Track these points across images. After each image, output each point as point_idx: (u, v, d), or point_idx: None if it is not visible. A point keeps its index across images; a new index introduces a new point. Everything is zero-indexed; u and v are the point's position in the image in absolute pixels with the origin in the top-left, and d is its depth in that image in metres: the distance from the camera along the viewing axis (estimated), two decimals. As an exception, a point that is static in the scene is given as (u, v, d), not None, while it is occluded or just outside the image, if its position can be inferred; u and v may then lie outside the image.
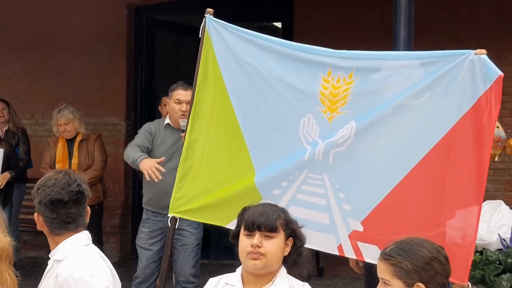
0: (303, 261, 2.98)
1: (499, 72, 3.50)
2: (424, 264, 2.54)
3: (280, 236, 2.86)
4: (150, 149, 5.28)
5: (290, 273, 2.95)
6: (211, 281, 2.99)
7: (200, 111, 4.19)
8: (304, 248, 3.01)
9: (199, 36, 4.16)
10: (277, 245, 2.84)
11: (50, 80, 8.75)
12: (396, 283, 2.55)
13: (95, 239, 2.93)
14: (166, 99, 6.78)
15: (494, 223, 4.56)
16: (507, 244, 4.48)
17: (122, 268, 5.20)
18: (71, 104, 6.95)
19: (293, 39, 6.70)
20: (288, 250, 2.90)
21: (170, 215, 4.15)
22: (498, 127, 4.71)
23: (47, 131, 8.23)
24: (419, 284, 2.50)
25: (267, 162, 4.02)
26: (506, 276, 4.34)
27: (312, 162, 3.87)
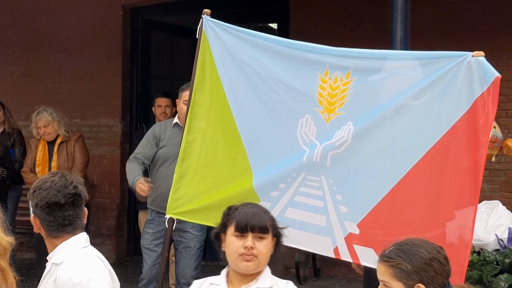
0: (279, 257, 2.98)
1: (497, 74, 3.51)
2: (424, 265, 2.52)
3: (270, 236, 2.87)
4: (154, 152, 5.27)
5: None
6: (196, 283, 2.98)
7: (197, 111, 4.18)
8: (281, 246, 3.01)
9: (196, 36, 4.15)
10: (267, 246, 2.86)
11: (46, 81, 8.72)
12: (396, 285, 2.54)
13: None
14: (159, 100, 6.79)
15: (492, 224, 4.57)
16: (504, 244, 4.48)
17: (118, 269, 5.14)
18: (50, 106, 6.77)
19: (289, 40, 6.68)
20: (272, 249, 2.91)
21: (167, 216, 4.14)
22: (495, 127, 4.72)
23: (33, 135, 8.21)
24: (419, 285, 2.49)
25: (264, 163, 4.02)
26: (503, 277, 4.35)
27: (310, 164, 3.86)
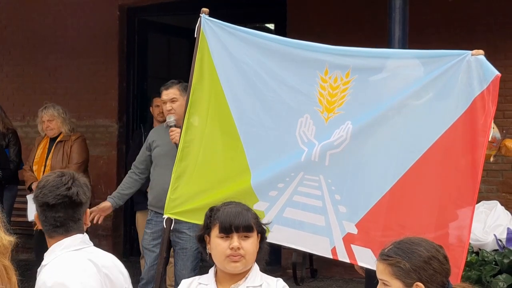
0: (264, 254, 2.95)
1: (496, 72, 3.49)
2: (423, 263, 2.51)
3: (255, 234, 2.84)
4: (147, 156, 5.35)
5: None
6: (184, 282, 2.96)
7: (196, 111, 4.16)
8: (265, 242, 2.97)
9: (195, 36, 4.13)
10: (253, 244, 2.82)
11: (42, 82, 8.70)
12: (395, 284, 2.53)
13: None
14: (157, 100, 6.77)
15: (490, 224, 4.56)
16: (503, 244, 4.47)
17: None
18: (60, 105, 6.86)
19: (286, 40, 6.67)
20: (258, 246, 2.88)
21: (165, 216, 4.12)
22: (493, 127, 4.70)
23: (39, 133, 8.17)
24: (418, 283, 2.48)
25: (263, 162, 3.99)
26: (502, 277, 4.34)
27: (309, 164, 3.84)
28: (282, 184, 3.90)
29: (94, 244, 2.82)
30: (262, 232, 2.90)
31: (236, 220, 2.79)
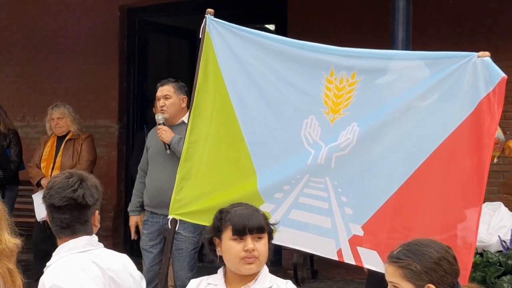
0: (270, 253, 2.95)
1: (503, 74, 3.49)
2: (434, 265, 2.51)
3: (266, 235, 2.84)
4: (147, 157, 5.35)
5: None
6: (193, 282, 2.96)
7: (200, 112, 4.15)
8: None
9: (199, 36, 4.12)
10: (266, 245, 2.82)
11: (42, 82, 8.68)
12: (406, 286, 2.52)
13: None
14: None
15: (494, 225, 4.56)
16: (507, 246, 4.48)
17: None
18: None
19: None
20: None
21: (170, 217, 4.11)
22: (497, 129, 4.70)
23: (39, 133, 8.15)
24: (430, 285, 2.47)
25: (268, 164, 3.98)
26: (507, 278, 4.34)
27: (315, 166, 3.83)
28: (287, 186, 3.89)
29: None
30: (270, 232, 2.90)
31: (250, 222, 2.79)
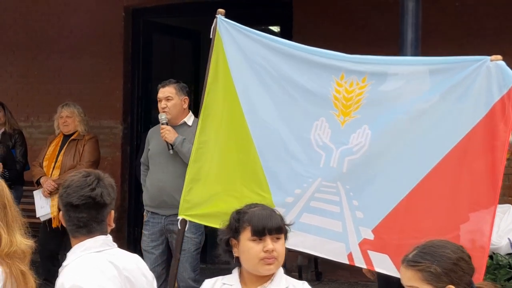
0: None
1: None
2: (452, 265, 2.50)
3: (283, 235, 2.85)
4: (147, 153, 5.35)
5: None
6: (207, 282, 2.96)
7: (210, 112, 4.15)
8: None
9: (210, 36, 4.12)
10: (284, 245, 2.84)
11: (46, 82, 8.66)
12: None
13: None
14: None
15: (504, 228, 4.54)
16: (517, 248, 4.47)
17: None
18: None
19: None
20: None
21: (180, 218, 4.10)
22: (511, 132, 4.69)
23: (43, 134, 8.15)
24: (450, 286, 2.45)
25: (277, 166, 3.97)
26: (516, 281, 4.32)
27: (327, 170, 3.84)
28: (299, 190, 3.89)
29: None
30: (286, 233, 2.90)
31: (269, 222, 2.79)
